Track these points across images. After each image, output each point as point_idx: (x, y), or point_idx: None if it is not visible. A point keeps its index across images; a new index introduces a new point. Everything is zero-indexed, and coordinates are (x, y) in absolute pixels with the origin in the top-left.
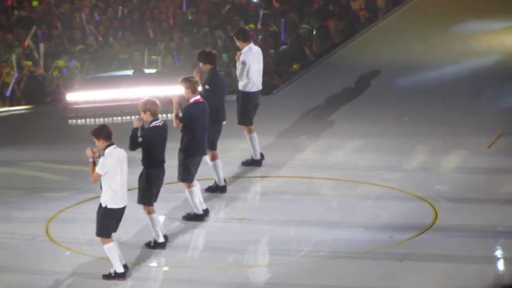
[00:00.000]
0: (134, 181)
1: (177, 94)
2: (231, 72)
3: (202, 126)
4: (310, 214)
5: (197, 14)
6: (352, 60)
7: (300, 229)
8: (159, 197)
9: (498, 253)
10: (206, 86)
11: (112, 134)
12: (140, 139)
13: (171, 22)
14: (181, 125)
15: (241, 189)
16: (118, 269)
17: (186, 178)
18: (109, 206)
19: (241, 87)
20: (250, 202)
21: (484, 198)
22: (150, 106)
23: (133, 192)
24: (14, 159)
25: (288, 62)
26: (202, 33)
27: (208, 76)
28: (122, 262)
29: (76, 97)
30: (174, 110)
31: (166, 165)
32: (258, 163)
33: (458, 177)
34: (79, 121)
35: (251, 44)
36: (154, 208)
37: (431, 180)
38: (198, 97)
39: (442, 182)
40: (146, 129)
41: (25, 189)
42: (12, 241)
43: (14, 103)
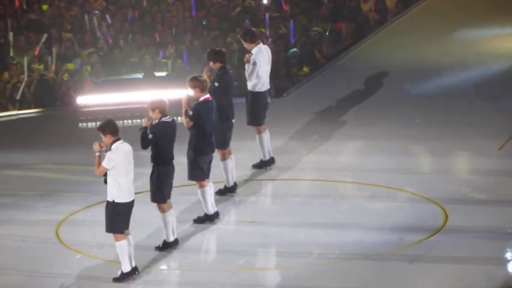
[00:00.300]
0: (145, 183)
1: (186, 95)
2: (241, 74)
3: (211, 124)
4: (320, 216)
5: (207, 17)
6: (362, 62)
7: (310, 231)
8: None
9: (508, 255)
10: (215, 84)
11: (118, 129)
12: (150, 136)
13: (183, 25)
14: (191, 123)
15: (251, 191)
16: (125, 268)
17: (198, 177)
18: (116, 200)
19: (250, 87)
20: (260, 205)
21: (494, 200)
22: (159, 104)
23: (146, 194)
24: (25, 162)
25: (298, 65)
26: (212, 36)
27: (217, 74)
28: (132, 263)
29: (86, 100)
30: (184, 109)
31: (176, 166)
32: (267, 164)
33: (469, 179)
34: (90, 124)
35: (260, 44)
36: (167, 207)
37: (442, 182)
38: (207, 95)
39: (453, 184)
40: (155, 124)
41: (35, 192)
42: (23, 243)
43: (24, 107)
